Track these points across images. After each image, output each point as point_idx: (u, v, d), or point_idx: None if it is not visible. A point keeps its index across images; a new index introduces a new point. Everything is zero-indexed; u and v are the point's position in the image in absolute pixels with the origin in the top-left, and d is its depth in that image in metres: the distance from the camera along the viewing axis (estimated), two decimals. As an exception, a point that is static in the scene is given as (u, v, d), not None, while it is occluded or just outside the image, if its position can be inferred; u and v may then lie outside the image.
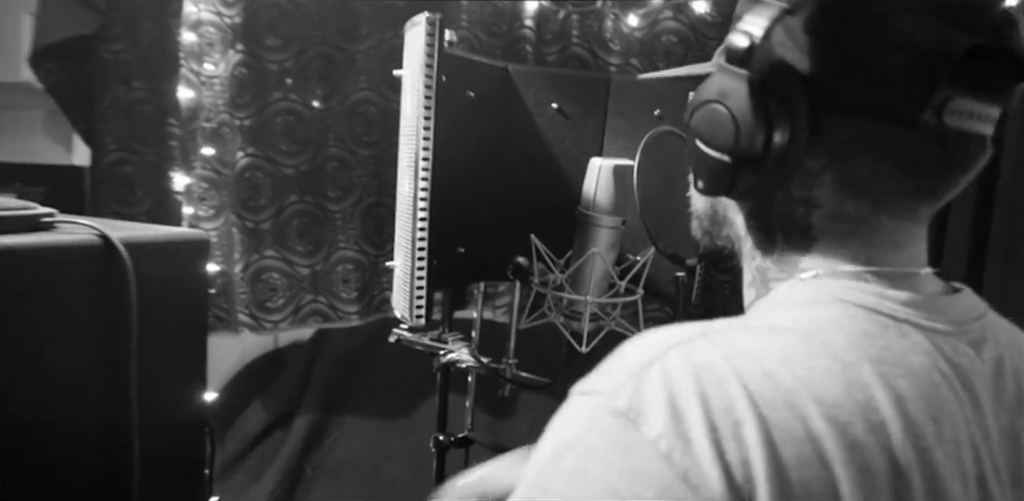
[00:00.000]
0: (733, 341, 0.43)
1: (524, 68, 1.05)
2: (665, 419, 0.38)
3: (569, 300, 0.95)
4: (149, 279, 0.72)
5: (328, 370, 2.06)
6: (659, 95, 1.05)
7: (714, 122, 0.46)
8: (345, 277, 1.77)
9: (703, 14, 1.69)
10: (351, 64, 1.70)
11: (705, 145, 0.48)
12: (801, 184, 0.47)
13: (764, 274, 0.52)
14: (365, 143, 1.74)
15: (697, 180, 0.51)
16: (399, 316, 0.88)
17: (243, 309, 1.72)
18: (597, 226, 0.91)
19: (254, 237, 1.70)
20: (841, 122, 0.44)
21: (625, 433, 0.39)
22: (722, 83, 0.46)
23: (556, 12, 1.71)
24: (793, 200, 0.48)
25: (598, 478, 0.39)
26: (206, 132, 1.66)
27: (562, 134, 1.08)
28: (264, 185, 1.69)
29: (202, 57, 1.65)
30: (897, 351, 0.43)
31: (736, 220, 0.54)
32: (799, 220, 0.49)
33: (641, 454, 0.38)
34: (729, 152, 0.46)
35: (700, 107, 0.48)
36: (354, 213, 1.76)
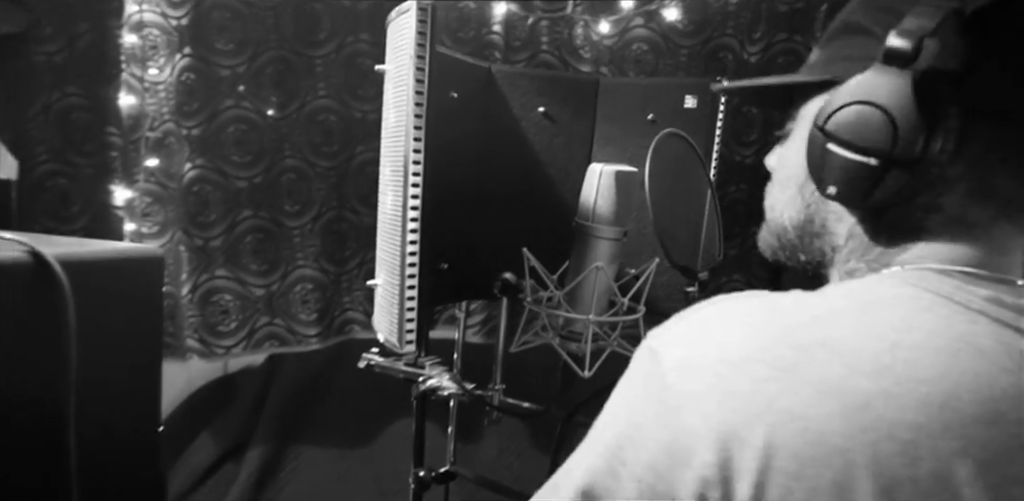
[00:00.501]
0: (785, 299, 0.45)
1: (508, 69, 0.97)
2: (681, 352, 0.42)
3: (566, 320, 0.87)
4: (92, 300, 0.61)
5: (284, 398, 1.91)
6: (651, 99, 0.99)
7: (864, 124, 0.45)
8: (304, 297, 1.65)
9: (674, 22, 1.65)
10: (309, 70, 1.60)
11: (845, 148, 0.47)
12: (932, 191, 0.47)
13: (852, 275, 0.52)
14: (325, 154, 1.63)
15: (826, 185, 0.49)
16: (383, 340, 0.78)
17: (191, 334, 1.58)
18: (597, 238, 0.83)
19: (203, 256, 1.57)
20: (986, 129, 0.45)
21: (648, 365, 0.44)
22: (876, 84, 0.45)
23: (525, 18, 1.64)
24: (915, 206, 0.48)
25: (617, 398, 0.45)
26: (150, 142, 1.53)
27: (548, 139, 1.01)
28: (214, 199, 1.56)
29: (145, 61, 1.52)
30: (961, 331, 0.41)
31: (838, 229, 0.53)
32: (913, 224, 0.49)
33: (652, 383, 0.42)
34: (879, 155, 0.45)
35: (842, 108, 0.46)
36: (313, 229, 1.64)
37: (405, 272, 0.68)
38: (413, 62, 0.65)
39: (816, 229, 0.55)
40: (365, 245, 1.70)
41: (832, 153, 0.47)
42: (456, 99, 0.87)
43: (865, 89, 0.45)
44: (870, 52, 0.47)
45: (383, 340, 0.78)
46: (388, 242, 0.75)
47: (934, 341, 0.40)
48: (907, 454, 0.36)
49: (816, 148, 0.49)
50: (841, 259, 0.53)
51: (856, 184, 0.47)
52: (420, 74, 0.65)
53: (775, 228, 0.58)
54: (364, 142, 1.66)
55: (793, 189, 0.55)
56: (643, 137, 0.99)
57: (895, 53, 0.44)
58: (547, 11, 1.65)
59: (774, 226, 0.59)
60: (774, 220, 0.58)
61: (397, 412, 1.81)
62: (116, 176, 1.56)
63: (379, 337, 0.79)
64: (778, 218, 0.58)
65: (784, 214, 0.57)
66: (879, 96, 0.45)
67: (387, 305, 0.74)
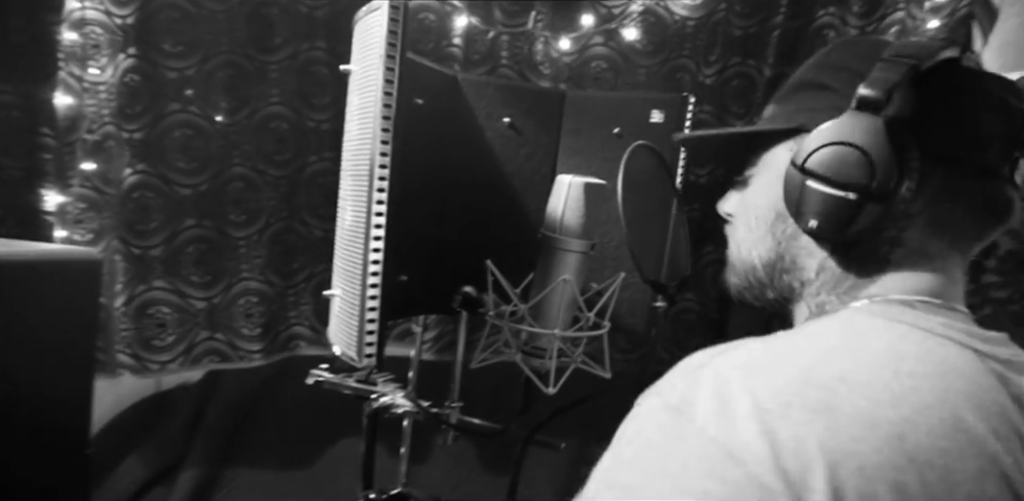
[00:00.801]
0: (777, 342, 0.47)
1: (475, 77, 0.95)
2: (712, 406, 0.41)
3: (530, 335, 0.84)
4: (17, 306, 0.55)
5: (221, 417, 1.82)
6: (616, 112, 0.98)
7: (843, 162, 0.50)
8: (248, 311, 1.57)
9: (633, 41, 1.67)
10: (262, 76, 1.54)
11: (825, 184, 0.51)
12: (896, 225, 0.52)
13: (822, 307, 0.56)
14: (276, 162, 1.57)
15: (806, 220, 0.53)
16: (339, 353, 0.73)
17: (123, 348, 1.49)
18: (565, 250, 0.81)
19: (141, 265, 1.48)
20: (940, 170, 0.51)
21: (677, 424, 0.42)
22: (852, 127, 0.50)
23: (485, 32, 1.63)
24: (881, 240, 0.53)
25: (654, 465, 0.41)
26: (87, 145, 1.45)
27: (513, 150, 0.99)
28: (155, 207, 1.49)
29: (86, 60, 1.45)
30: (940, 355, 0.45)
31: (808, 264, 0.57)
32: (879, 257, 0.53)
33: (692, 441, 0.40)
34: (857, 190, 0.49)
35: (821, 149, 0.51)
36: (260, 240, 1.57)
37: (367, 281, 0.64)
38: (383, 62, 0.62)
39: (786, 265, 0.58)
40: (314, 258, 1.64)
41: (811, 189, 0.52)
42: (421, 106, 0.84)
43: (841, 132, 0.50)
44: (833, 103, 0.53)
45: (339, 353, 0.73)
46: (348, 250, 0.71)
47: (923, 367, 0.43)
48: (946, 480, 0.37)
49: (794, 186, 0.53)
50: (811, 292, 0.57)
51: (835, 217, 0.51)
52: (390, 75, 0.62)
53: (744, 267, 0.62)
54: (317, 152, 1.61)
55: (763, 229, 0.60)
56: (608, 150, 0.98)
57: (868, 100, 0.49)
58: (508, 26, 1.64)
59: (742, 265, 0.62)
60: (742, 260, 0.62)
61: (343, 433, 1.74)
62: (48, 180, 1.47)
63: (335, 350, 0.75)
64: (747, 257, 0.62)
65: (752, 253, 0.61)
66: (855, 137, 0.50)
67: (345, 316, 0.70)
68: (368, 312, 0.65)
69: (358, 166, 0.67)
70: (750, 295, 0.63)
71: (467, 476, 1.55)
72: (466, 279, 0.90)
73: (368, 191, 0.63)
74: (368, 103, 0.67)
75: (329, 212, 1.62)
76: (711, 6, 1.64)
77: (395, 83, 0.63)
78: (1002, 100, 0.52)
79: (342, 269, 0.74)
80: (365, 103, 0.68)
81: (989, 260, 1.48)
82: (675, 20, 1.66)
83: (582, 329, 0.83)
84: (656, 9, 1.65)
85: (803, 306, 0.58)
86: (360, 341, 0.65)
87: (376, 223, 0.63)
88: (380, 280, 0.65)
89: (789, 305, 0.60)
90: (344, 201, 0.74)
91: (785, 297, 0.60)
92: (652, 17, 1.66)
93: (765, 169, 0.60)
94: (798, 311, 0.59)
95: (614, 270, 0.94)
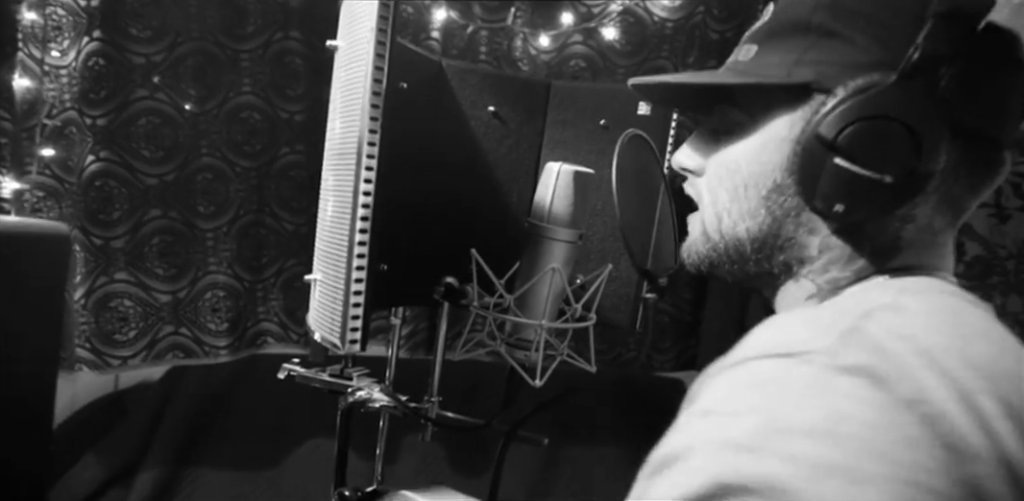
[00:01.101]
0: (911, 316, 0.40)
1: (460, 64, 0.93)
2: (911, 381, 0.34)
3: (515, 327, 0.82)
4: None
5: (182, 415, 1.76)
6: (603, 104, 0.97)
7: (886, 141, 0.44)
8: (215, 305, 1.52)
9: (612, 41, 1.67)
10: (234, 64, 1.50)
11: (860, 165, 0.45)
12: (912, 203, 0.47)
13: (837, 283, 0.51)
14: (246, 153, 1.53)
15: (829, 203, 0.47)
16: (319, 339, 0.71)
17: (83, 343, 1.43)
18: (552, 240, 0.80)
19: (102, 257, 1.43)
20: (959, 145, 0.46)
21: (873, 392, 0.33)
22: (900, 99, 0.44)
23: (464, 27, 1.61)
24: (894, 217, 0.49)
25: (858, 439, 0.32)
26: (47, 130, 1.39)
27: (498, 140, 0.97)
28: (119, 196, 1.43)
29: (47, 42, 1.39)
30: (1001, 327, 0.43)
31: (808, 242, 0.52)
32: (892, 234, 0.49)
33: (901, 417, 0.32)
34: (899, 173, 0.44)
35: (857, 122, 0.45)
36: (229, 232, 1.53)
37: (353, 264, 0.61)
38: (374, 35, 0.60)
39: (780, 243, 0.52)
40: (285, 253, 1.60)
41: (839, 169, 0.45)
42: (405, 90, 0.82)
43: (885, 104, 0.44)
44: (851, 59, 0.47)
45: (319, 339, 0.71)
46: (332, 232, 0.68)
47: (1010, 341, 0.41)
48: None
49: (814, 162, 0.47)
50: (815, 270, 0.52)
51: (868, 202, 0.46)
52: (381, 48, 0.60)
53: (725, 240, 0.55)
54: (289, 144, 1.57)
55: (755, 200, 0.53)
56: (594, 142, 0.97)
57: (922, 68, 0.43)
58: (487, 21, 1.63)
59: (722, 238, 0.55)
60: (724, 232, 0.55)
61: (311, 433, 1.70)
62: (3, 166, 1.40)
63: (315, 337, 0.72)
64: (730, 230, 0.54)
65: (740, 226, 0.54)
66: (904, 113, 0.44)
67: (328, 301, 0.68)
68: (353, 296, 0.62)
69: (345, 144, 0.65)
70: (723, 270, 0.56)
71: (444, 473, 1.52)
72: (446, 271, 0.88)
73: (356, 168, 0.61)
74: (356, 80, 0.65)
75: (300, 206, 1.59)
76: (689, 8, 1.65)
77: (386, 57, 0.61)
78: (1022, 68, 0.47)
79: (324, 252, 0.71)
80: (352, 80, 0.66)
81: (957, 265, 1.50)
82: (654, 21, 1.66)
83: (568, 321, 0.82)
84: (635, 10, 1.65)
85: (801, 282, 0.53)
86: (344, 326, 0.62)
87: (364, 203, 0.61)
88: (366, 262, 0.62)
89: (775, 282, 0.55)
90: (327, 179, 0.71)
91: (773, 274, 0.54)
92: (631, 17, 1.66)
93: (755, 129, 0.53)
94: (789, 287, 0.54)
95: (598, 264, 0.93)
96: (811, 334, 0.38)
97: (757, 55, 0.53)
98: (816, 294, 0.52)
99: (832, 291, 0.51)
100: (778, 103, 0.51)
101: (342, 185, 0.65)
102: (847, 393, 0.34)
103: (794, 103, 0.50)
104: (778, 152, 0.51)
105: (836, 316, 0.40)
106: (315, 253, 0.75)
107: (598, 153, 0.96)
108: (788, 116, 0.50)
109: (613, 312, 0.96)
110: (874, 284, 0.49)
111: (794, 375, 0.36)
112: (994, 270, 1.49)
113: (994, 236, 1.51)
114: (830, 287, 0.51)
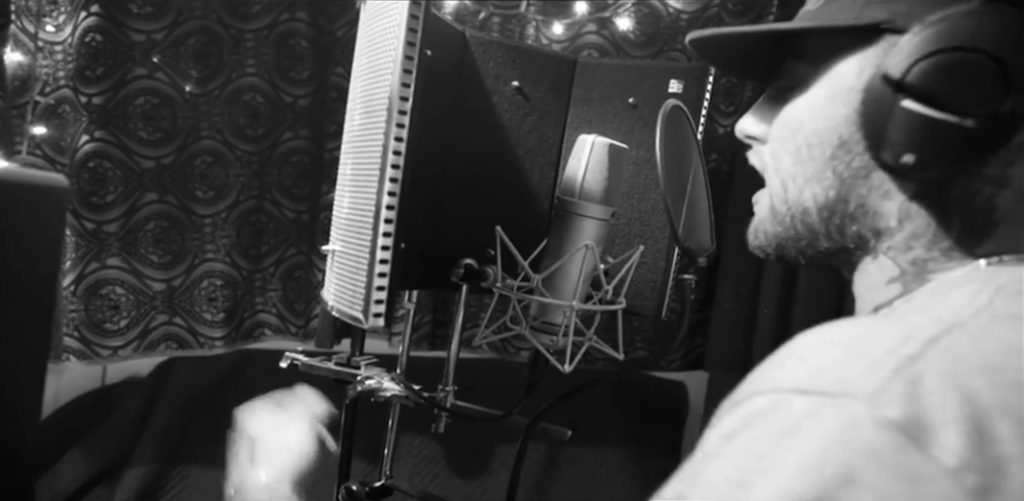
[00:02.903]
0: (997, 333, 0.33)
1: (485, 36, 0.88)
2: (966, 439, 0.28)
3: (540, 309, 0.77)
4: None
5: (172, 410, 1.68)
6: (631, 83, 0.93)
7: (966, 76, 0.38)
8: (211, 295, 1.46)
9: (626, 31, 1.63)
10: (238, 44, 1.45)
11: (934, 106, 0.39)
12: (1001, 159, 0.41)
13: (924, 266, 0.45)
14: (248, 137, 1.47)
15: (897, 152, 0.41)
16: (337, 314, 0.65)
17: (71, 332, 1.36)
18: (584, 216, 0.75)
19: (94, 242, 1.36)
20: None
21: (907, 457, 0.28)
22: (983, 25, 0.38)
23: (477, 12, 1.57)
24: (983, 178, 0.42)
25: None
26: (39, 108, 1.33)
27: (521, 117, 0.92)
28: (114, 178, 1.37)
29: (41, 16, 1.33)
30: None
31: (884, 209, 0.45)
32: (984, 201, 0.42)
33: (937, 489, 0.27)
34: (982, 114, 0.38)
35: (931, 56, 0.38)
36: (228, 218, 1.47)
37: (380, 230, 0.56)
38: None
39: (851, 210, 0.46)
40: (285, 241, 1.54)
41: (910, 112, 0.40)
42: (430, 58, 0.76)
43: (964, 33, 0.38)
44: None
45: (338, 314, 0.65)
46: (354, 196, 0.63)
47: None
48: None
49: (881, 107, 0.41)
50: (897, 246, 0.46)
51: (944, 151, 0.40)
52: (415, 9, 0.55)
53: (792, 210, 0.49)
54: (293, 129, 1.51)
55: (819, 161, 0.47)
56: (622, 121, 0.93)
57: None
58: (500, 8, 1.59)
59: (788, 209, 0.49)
60: (789, 201, 0.49)
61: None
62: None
63: (333, 313, 0.67)
64: (795, 198, 0.49)
65: (805, 191, 0.48)
66: (988, 41, 0.37)
67: (349, 273, 0.62)
68: (379, 265, 0.57)
69: (375, 103, 0.60)
70: (794, 249, 0.50)
71: (457, 467, 1.46)
72: (464, 253, 0.83)
73: (386, 127, 0.56)
74: (387, 40, 0.60)
75: (302, 193, 1.53)
76: (705, 1, 1.62)
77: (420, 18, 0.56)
78: None
79: (343, 219, 0.65)
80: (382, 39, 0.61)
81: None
82: (669, 13, 1.63)
83: (597, 304, 0.77)
84: (650, 0, 1.62)
85: (881, 261, 0.47)
86: (368, 298, 0.57)
87: (393, 163, 0.56)
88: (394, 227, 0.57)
89: (852, 259, 0.49)
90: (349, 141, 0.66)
91: (848, 249, 0.48)
92: (646, 8, 1.62)
93: (820, 81, 0.48)
94: (868, 267, 0.48)
95: (623, 249, 0.88)
96: (854, 366, 0.32)
97: (826, 2, 0.47)
98: (899, 278, 0.46)
99: (917, 276, 0.45)
100: (846, 50, 0.46)
101: (369, 145, 0.60)
102: (872, 453, 0.28)
103: (864, 47, 0.45)
104: (845, 105, 0.45)
105: (895, 341, 0.33)
106: (332, 222, 0.70)
107: (625, 133, 0.92)
108: (857, 63, 0.45)
109: (638, 299, 0.91)
110: (967, 273, 0.43)
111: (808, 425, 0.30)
112: None
113: None
114: (915, 270, 0.45)
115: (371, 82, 0.62)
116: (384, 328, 1.56)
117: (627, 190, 0.91)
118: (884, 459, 0.28)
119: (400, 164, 0.56)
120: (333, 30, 1.51)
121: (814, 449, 0.29)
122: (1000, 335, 0.33)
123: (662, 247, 0.90)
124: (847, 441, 0.29)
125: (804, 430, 0.30)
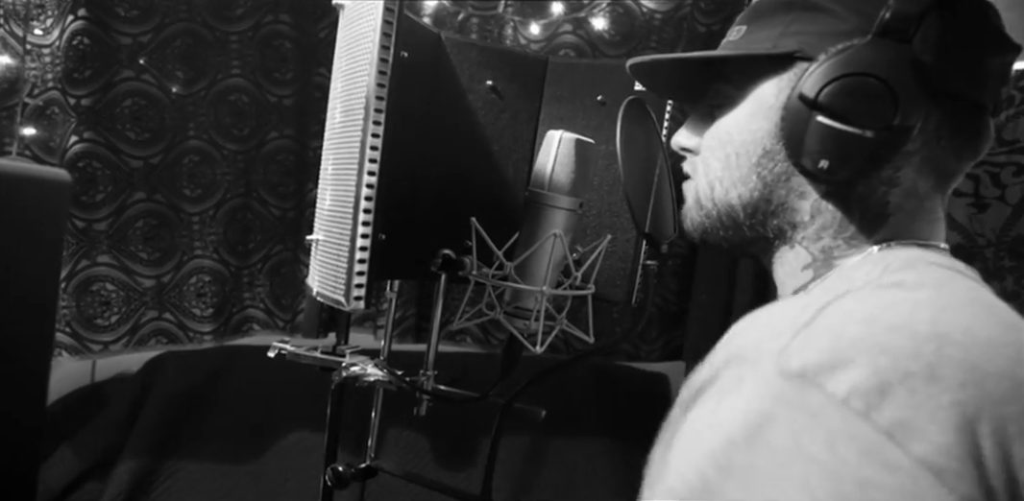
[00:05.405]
0: (877, 296, 0.42)
1: (459, 38, 0.93)
2: (853, 373, 0.35)
3: (514, 295, 0.82)
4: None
5: (163, 405, 1.72)
6: (600, 80, 0.97)
7: (864, 96, 0.46)
8: (200, 290, 1.50)
9: (601, 31, 1.68)
10: (223, 46, 1.48)
11: (840, 121, 0.47)
12: (893, 164, 0.49)
13: (830, 253, 0.53)
14: (234, 137, 1.51)
15: (814, 160, 0.49)
16: (321, 299, 0.70)
17: (63, 327, 1.39)
18: (553, 207, 0.79)
19: (85, 239, 1.40)
20: (940, 107, 0.48)
21: (808, 396, 0.35)
22: (875, 56, 0.46)
23: (456, 13, 1.61)
24: (879, 179, 0.50)
25: (786, 450, 0.34)
26: (28, 110, 1.36)
27: (495, 115, 0.97)
28: (103, 178, 1.40)
29: (29, 20, 1.36)
30: (992, 297, 0.44)
31: (800, 206, 0.53)
32: (879, 198, 0.51)
33: (835, 416, 0.34)
34: (877, 128, 0.46)
35: (837, 80, 0.47)
36: (215, 216, 1.50)
37: (359, 218, 0.61)
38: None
39: (772, 208, 0.55)
40: (271, 238, 1.58)
41: (822, 126, 0.48)
42: (406, 59, 0.81)
43: (861, 61, 0.46)
44: (832, 27, 0.49)
45: (320, 297, 0.69)
46: (335, 188, 0.67)
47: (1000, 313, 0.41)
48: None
49: (798, 122, 0.49)
50: (809, 236, 0.54)
51: (850, 157, 0.47)
52: (391, 3, 0.60)
53: (719, 208, 0.57)
54: (278, 128, 1.55)
55: (746, 167, 0.55)
56: (591, 118, 0.98)
57: (896, 26, 0.45)
58: (478, 9, 1.63)
59: (715, 207, 0.58)
60: (717, 200, 0.58)
61: (295, 424, 1.67)
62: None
63: (315, 295, 0.71)
64: (723, 198, 0.57)
65: (732, 192, 0.56)
66: (879, 69, 0.46)
67: (331, 259, 0.67)
68: (359, 252, 0.61)
69: (353, 101, 0.64)
70: (718, 236, 0.59)
71: (438, 448, 1.50)
72: (442, 244, 0.88)
73: (364, 124, 0.60)
74: (363, 41, 0.64)
75: (288, 190, 1.57)
76: (677, 1, 1.67)
77: (395, 13, 0.60)
78: (1000, 33, 0.50)
79: (326, 211, 0.70)
80: (359, 41, 0.65)
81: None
82: (643, 12, 1.68)
83: (567, 290, 0.82)
84: (625, 1, 1.66)
85: (796, 250, 0.55)
86: (349, 282, 0.62)
87: (371, 157, 0.60)
88: (372, 216, 0.61)
89: (771, 247, 0.57)
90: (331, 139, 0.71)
91: (767, 238, 0.56)
92: (620, 8, 1.67)
93: (744, 100, 0.55)
94: (786, 255, 0.56)
95: (594, 238, 0.93)
96: (770, 333, 0.39)
97: (746, 34, 0.56)
98: (811, 264, 0.54)
99: (826, 262, 0.53)
100: (766, 74, 0.54)
101: (348, 145, 0.64)
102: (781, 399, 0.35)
103: (780, 72, 0.53)
104: (766, 120, 0.53)
105: (798, 311, 0.40)
106: (316, 214, 0.74)
107: (595, 129, 0.97)
108: (775, 85, 0.53)
109: (609, 287, 0.95)
110: (864, 258, 0.51)
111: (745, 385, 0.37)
112: (974, 258, 1.51)
113: (973, 225, 1.54)
114: (824, 257, 0.53)
115: (349, 82, 0.66)
116: (369, 321, 1.61)
117: (597, 183, 0.95)
118: (792, 401, 0.35)
119: (377, 159, 0.61)
120: (316, 31, 1.55)
121: (742, 401, 0.37)
122: (881, 295, 0.41)
123: (631, 237, 0.95)
124: (762, 393, 0.36)
125: (734, 390, 0.38)
